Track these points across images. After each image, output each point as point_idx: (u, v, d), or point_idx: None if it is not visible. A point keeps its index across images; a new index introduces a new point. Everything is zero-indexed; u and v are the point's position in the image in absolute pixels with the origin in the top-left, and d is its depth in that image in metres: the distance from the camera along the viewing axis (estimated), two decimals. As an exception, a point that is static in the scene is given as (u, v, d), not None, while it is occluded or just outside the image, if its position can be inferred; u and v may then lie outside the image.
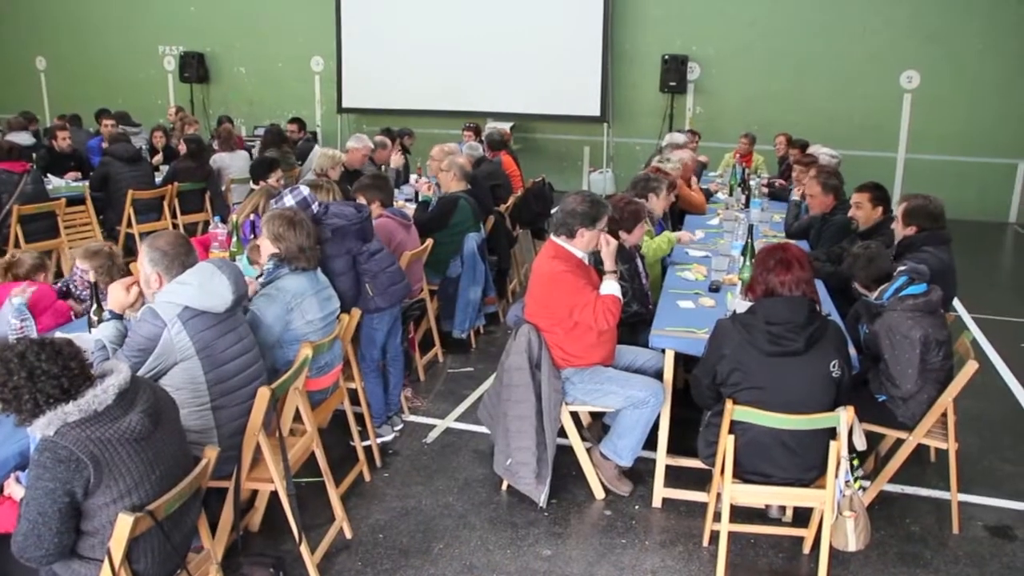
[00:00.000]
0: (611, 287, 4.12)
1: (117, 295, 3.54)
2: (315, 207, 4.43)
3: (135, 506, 2.53)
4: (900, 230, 4.90)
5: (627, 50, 13.53)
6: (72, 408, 2.45)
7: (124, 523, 2.50)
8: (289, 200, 4.39)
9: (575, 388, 4.21)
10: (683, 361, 4.60)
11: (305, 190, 4.50)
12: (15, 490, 2.84)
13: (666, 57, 13.12)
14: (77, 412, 2.46)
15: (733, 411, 3.46)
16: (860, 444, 3.51)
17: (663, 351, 4.24)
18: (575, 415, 4.39)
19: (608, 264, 4.17)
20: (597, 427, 4.75)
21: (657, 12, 13.32)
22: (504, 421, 4.21)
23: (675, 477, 4.34)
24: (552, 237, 4.25)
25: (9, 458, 2.96)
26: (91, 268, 4.32)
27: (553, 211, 8.31)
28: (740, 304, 4.16)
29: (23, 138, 10.06)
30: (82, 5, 16.38)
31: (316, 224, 4.30)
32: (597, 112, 13.61)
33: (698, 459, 3.99)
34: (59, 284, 4.53)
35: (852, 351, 3.78)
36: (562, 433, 4.28)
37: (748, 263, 4.64)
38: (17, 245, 7.33)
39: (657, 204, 5.71)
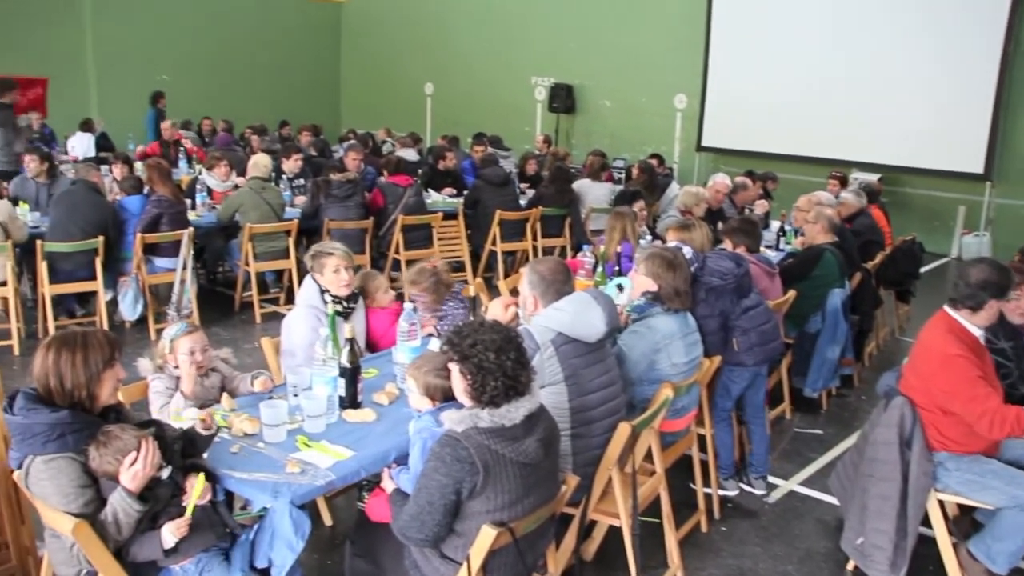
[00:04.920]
0: None
1: (496, 311, 3.74)
2: (694, 267, 4.35)
3: (502, 523, 2.63)
4: None
5: (1024, 100, 12.07)
6: (486, 415, 2.60)
7: (487, 535, 2.62)
8: None
9: (949, 475, 3.79)
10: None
11: (688, 251, 4.41)
12: (387, 484, 3.06)
13: (1077, 109, 11.57)
14: (489, 420, 2.60)
15: None
16: None
17: (1061, 449, 3.71)
18: (942, 504, 3.96)
19: None
20: (966, 522, 4.25)
21: (1072, 56, 11.75)
22: (862, 497, 3.89)
23: (1062, 599, 3.78)
24: (948, 309, 3.83)
25: (389, 450, 3.20)
26: (419, 290, 4.47)
27: (921, 271, 7.76)
28: None
29: (410, 155, 11.19)
30: (469, 38, 17.81)
31: (693, 283, 4.25)
32: (979, 168, 12.24)
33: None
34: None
35: None
36: (923, 522, 3.88)
37: None
38: (398, 251, 8.10)
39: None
